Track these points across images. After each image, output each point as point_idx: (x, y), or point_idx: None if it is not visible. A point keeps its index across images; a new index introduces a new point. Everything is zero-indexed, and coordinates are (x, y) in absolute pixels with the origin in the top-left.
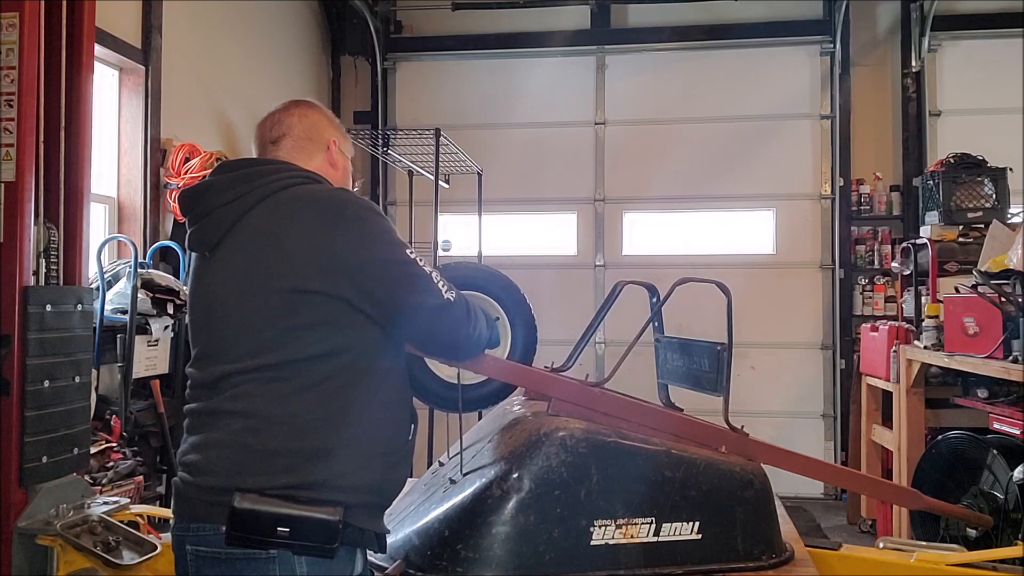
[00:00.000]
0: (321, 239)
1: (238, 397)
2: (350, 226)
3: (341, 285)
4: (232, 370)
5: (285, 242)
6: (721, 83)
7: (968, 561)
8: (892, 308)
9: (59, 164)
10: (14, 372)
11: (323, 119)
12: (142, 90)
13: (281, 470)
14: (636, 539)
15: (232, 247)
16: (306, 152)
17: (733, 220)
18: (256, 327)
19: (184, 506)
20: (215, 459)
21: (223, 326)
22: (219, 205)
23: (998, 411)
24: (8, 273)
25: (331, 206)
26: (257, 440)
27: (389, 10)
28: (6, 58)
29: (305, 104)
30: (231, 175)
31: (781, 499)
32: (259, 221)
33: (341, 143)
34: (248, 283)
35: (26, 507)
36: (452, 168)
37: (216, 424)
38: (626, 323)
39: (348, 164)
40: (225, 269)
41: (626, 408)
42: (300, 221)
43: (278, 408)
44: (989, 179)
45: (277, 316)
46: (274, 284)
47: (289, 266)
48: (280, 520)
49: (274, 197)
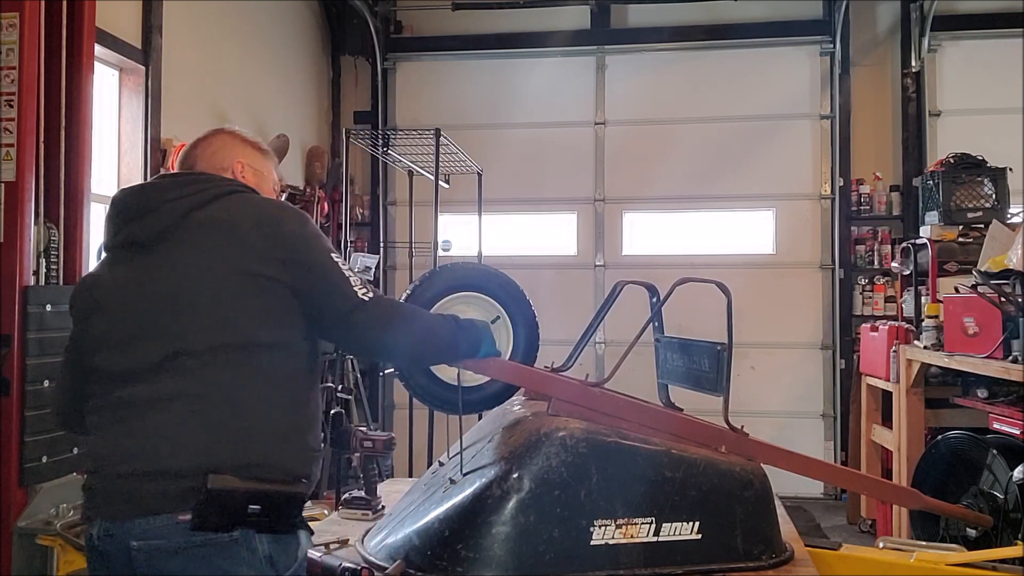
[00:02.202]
0: (270, 231)
1: (191, 378)
2: (292, 225)
3: (287, 274)
4: (181, 349)
5: (240, 231)
6: (721, 83)
7: (968, 561)
8: (892, 308)
9: (59, 164)
10: (14, 372)
11: (229, 142)
12: (142, 90)
13: (250, 450)
14: (636, 539)
15: (181, 239)
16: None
17: (733, 220)
18: (214, 308)
19: (122, 501)
20: (165, 444)
21: (167, 310)
22: (169, 200)
23: (998, 411)
24: (8, 273)
25: (276, 207)
26: (212, 421)
27: (389, 10)
28: (6, 58)
29: (211, 133)
30: (177, 179)
31: (781, 499)
32: (215, 214)
33: (251, 161)
34: (206, 267)
35: (26, 507)
36: (452, 168)
37: (159, 408)
38: (626, 323)
39: (262, 182)
40: (173, 257)
41: (626, 408)
42: (251, 216)
43: (236, 389)
44: (989, 179)
45: (235, 297)
46: (233, 265)
47: (246, 251)
48: (252, 497)
49: (226, 198)
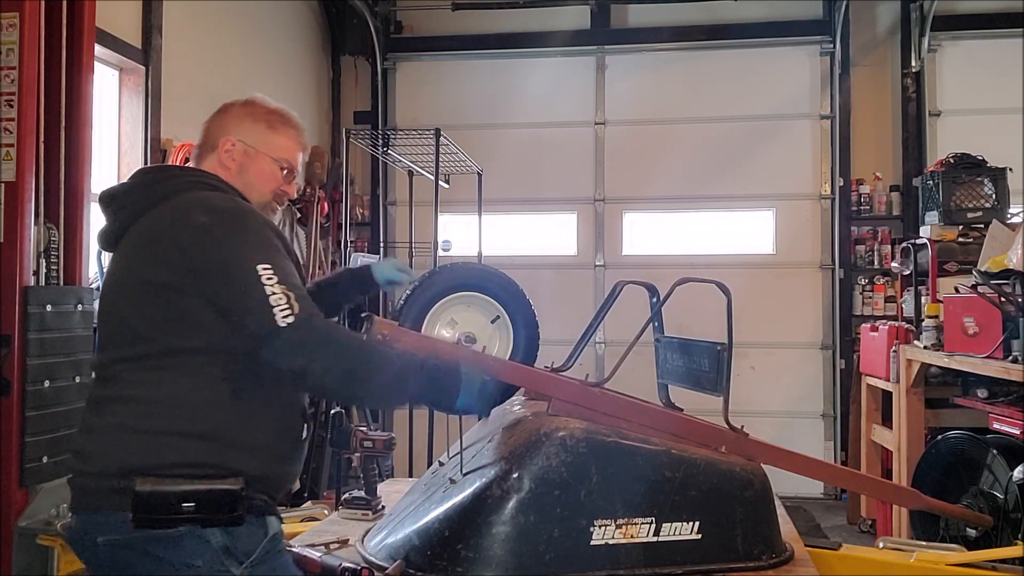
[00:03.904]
0: (185, 240)
1: (121, 384)
2: (215, 233)
3: (200, 285)
4: (116, 357)
5: (158, 241)
6: (721, 83)
7: (968, 561)
8: (892, 308)
9: (59, 164)
10: (14, 372)
11: (227, 118)
12: (142, 90)
13: (168, 451)
14: (636, 539)
15: (124, 246)
16: (204, 157)
17: (733, 220)
18: (134, 318)
19: (83, 497)
20: (103, 445)
21: (111, 318)
22: (127, 204)
23: (998, 411)
24: (8, 273)
25: (203, 212)
26: (140, 423)
27: (389, 10)
28: (6, 58)
29: (228, 104)
30: (136, 181)
31: (781, 499)
32: (147, 222)
33: (247, 137)
34: (128, 277)
35: (27, 507)
36: (452, 168)
37: (102, 410)
38: (626, 323)
39: (251, 162)
40: (116, 265)
41: (626, 408)
42: (173, 222)
43: (160, 393)
44: (989, 179)
45: (150, 308)
46: (147, 277)
47: (159, 262)
48: (183, 497)
49: (173, 198)
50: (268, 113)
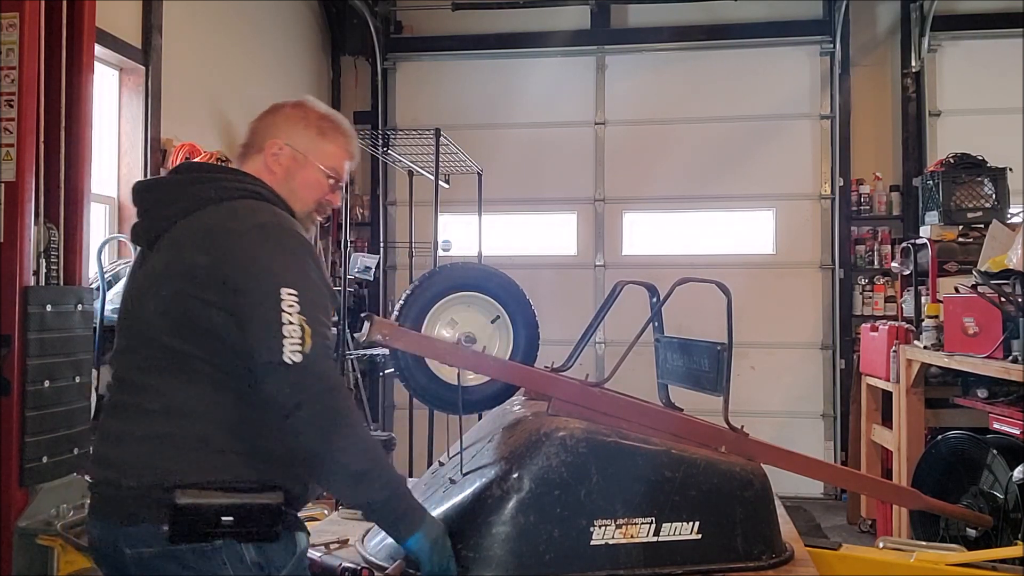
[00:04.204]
0: (222, 253)
1: (152, 393)
2: (247, 245)
3: (227, 299)
4: (146, 365)
5: (198, 252)
6: (721, 83)
7: (968, 561)
8: (892, 308)
9: (59, 164)
10: (14, 372)
11: (278, 119)
12: (142, 90)
13: (208, 464)
14: (636, 539)
15: (162, 249)
16: (249, 157)
17: (733, 220)
18: (166, 328)
19: (112, 507)
20: (137, 455)
21: (139, 323)
22: (163, 203)
23: (998, 411)
24: (8, 273)
25: (239, 224)
26: (178, 436)
27: (389, 10)
28: (6, 58)
29: (278, 105)
30: (181, 177)
31: (781, 499)
32: (188, 228)
33: (295, 141)
34: (163, 285)
35: (26, 507)
36: (452, 168)
37: (132, 419)
38: (626, 323)
39: (298, 169)
40: (149, 266)
41: (626, 408)
42: (215, 236)
43: (197, 405)
44: (989, 179)
45: (184, 319)
46: (183, 288)
47: (195, 275)
48: (224, 510)
49: (208, 208)
50: (320, 118)
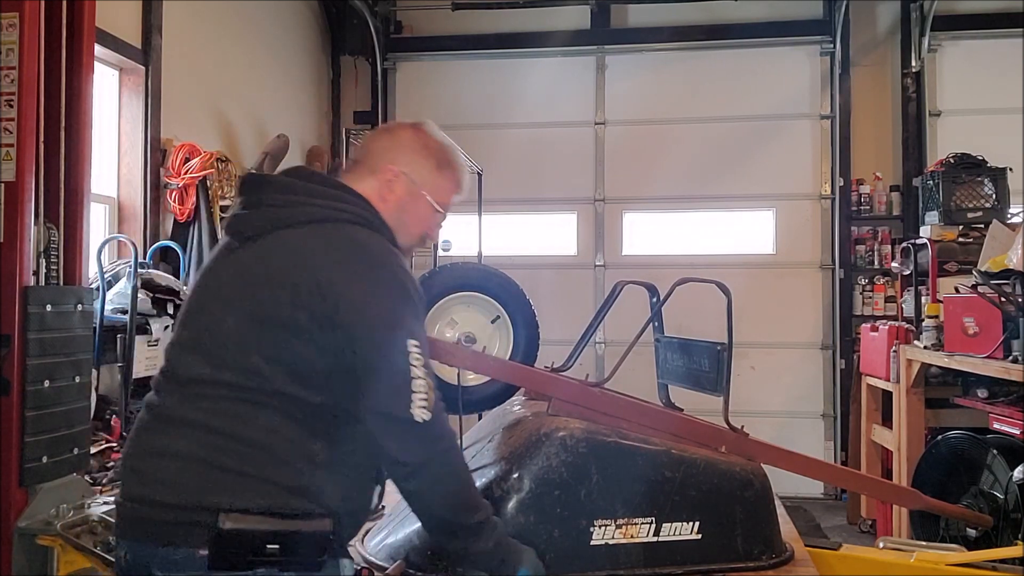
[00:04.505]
0: (338, 291)
1: (208, 409)
2: (371, 290)
3: (341, 341)
4: (211, 379)
5: (304, 278)
6: (721, 83)
7: (968, 561)
8: (892, 308)
9: (59, 164)
10: (14, 372)
11: (397, 144)
12: (142, 90)
13: (253, 494)
14: (636, 539)
15: (262, 251)
16: (361, 178)
17: (733, 220)
18: (249, 347)
19: (147, 527)
20: (179, 475)
21: (216, 332)
22: (271, 205)
23: (998, 411)
24: (8, 273)
25: (357, 260)
26: (225, 462)
27: (389, 10)
28: (6, 58)
29: (400, 126)
30: (297, 181)
31: (781, 499)
32: (295, 245)
33: (414, 172)
34: (255, 304)
35: (26, 507)
36: None
37: (178, 433)
38: (626, 323)
39: (410, 204)
40: (249, 269)
41: (626, 408)
42: (328, 266)
43: (254, 434)
44: (989, 179)
45: (272, 344)
46: (280, 314)
47: (300, 304)
48: (269, 537)
49: (319, 226)
50: (439, 149)
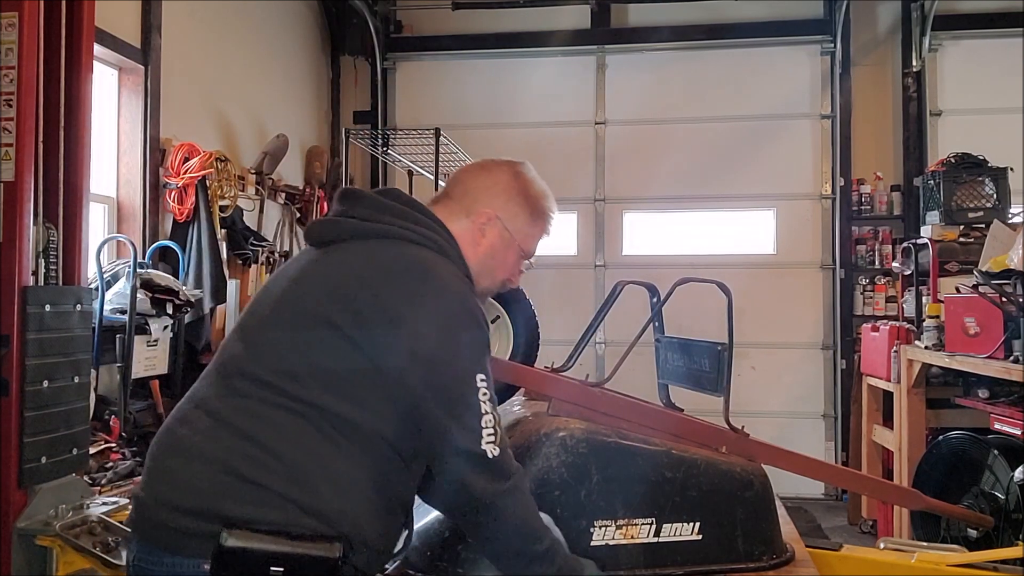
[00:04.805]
0: (415, 322)
1: (248, 413)
2: (450, 325)
3: (412, 371)
4: (262, 380)
5: (379, 300)
6: (721, 83)
7: (969, 562)
8: (893, 308)
9: (58, 164)
10: (13, 372)
11: (496, 188)
12: (141, 90)
13: (271, 510)
14: (636, 539)
15: (330, 258)
16: (453, 215)
17: (733, 220)
18: (309, 361)
19: (156, 532)
20: (199, 479)
21: (280, 334)
22: (356, 216)
23: (999, 411)
24: (7, 273)
25: (438, 293)
26: (251, 473)
27: (389, 10)
28: (5, 58)
29: (498, 164)
30: (386, 200)
31: (782, 499)
32: (377, 261)
33: (510, 221)
34: (323, 318)
35: (25, 508)
36: (452, 168)
37: (212, 432)
38: (626, 323)
39: (504, 251)
40: (311, 271)
41: (626, 408)
42: (406, 296)
43: (289, 450)
44: (990, 179)
45: (333, 361)
46: (350, 334)
47: (370, 327)
48: (274, 559)
49: (391, 242)
50: (538, 198)
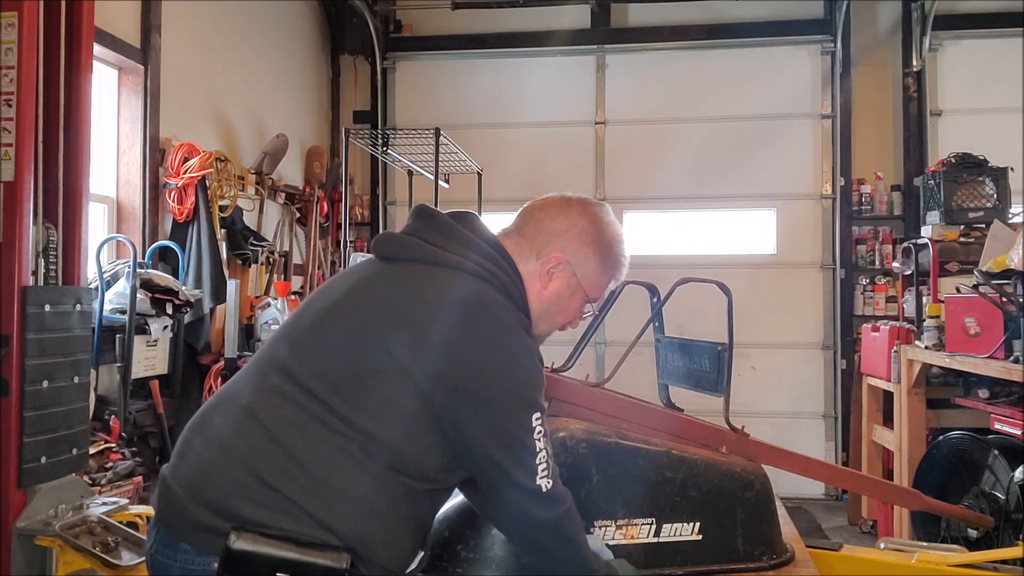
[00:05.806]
0: (479, 360)
1: (283, 419)
2: (512, 363)
3: (466, 404)
4: (308, 387)
5: (439, 334)
6: (721, 83)
7: (969, 562)
8: (893, 308)
9: (58, 164)
10: (13, 372)
11: (569, 232)
12: (141, 90)
13: (285, 516)
14: (636, 540)
15: (392, 277)
16: (521, 252)
17: (734, 220)
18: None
19: (175, 516)
20: (221, 474)
21: (332, 344)
22: (424, 237)
23: (999, 411)
24: (7, 273)
25: (499, 330)
26: (270, 478)
27: (389, 10)
28: (5, 58)
29: (573, 202)
30: (455, 226)
31: (782, 499)
32: (428, 282)
33: (579, 267)
34: (380, 341)
35: (25, 507)
36: (452, 168)
37: (243, 430)
38: (626, 323)
39: (570, 297)
40: (367, 284)
41: (626, 408)
42: (469, 340)
43: (315, 463)
44: (990, 179)
45: (382, 385)
46: (405, 363)
47: (426, 358)
48: (280, 565)
49: (451, 271)
50: (611, 244)
